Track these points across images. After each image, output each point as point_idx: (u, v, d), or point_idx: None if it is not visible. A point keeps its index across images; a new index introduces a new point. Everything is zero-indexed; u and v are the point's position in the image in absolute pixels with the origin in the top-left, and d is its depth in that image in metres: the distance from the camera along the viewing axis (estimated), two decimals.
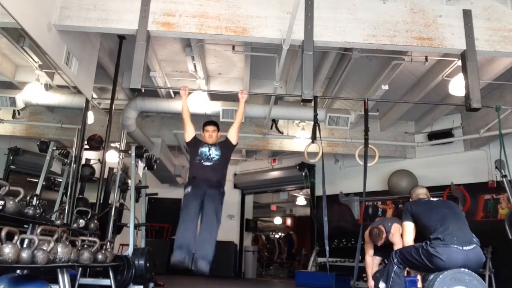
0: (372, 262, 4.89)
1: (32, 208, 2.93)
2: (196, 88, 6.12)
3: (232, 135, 4.21)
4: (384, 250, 4.81)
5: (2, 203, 2.58)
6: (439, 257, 3.09)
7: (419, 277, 3.94)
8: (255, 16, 3.85)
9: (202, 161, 4.08)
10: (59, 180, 4.91)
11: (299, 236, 14.53)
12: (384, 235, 4.68)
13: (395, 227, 4.62)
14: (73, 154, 4.68)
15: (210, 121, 4.39)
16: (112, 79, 5.69)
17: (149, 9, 3.80)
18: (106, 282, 4.12)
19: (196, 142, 4.21)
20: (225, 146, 4.21)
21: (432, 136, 7.43)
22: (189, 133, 4.20)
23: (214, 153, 4.12)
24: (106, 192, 5.64)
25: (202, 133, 4.25)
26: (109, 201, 5.61)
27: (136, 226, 5.25)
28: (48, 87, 5.10)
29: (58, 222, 3.43)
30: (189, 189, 3.99)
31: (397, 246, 4.48)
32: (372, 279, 4.69)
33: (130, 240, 4.92)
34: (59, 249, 2.93)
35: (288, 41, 3.73)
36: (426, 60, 5.28)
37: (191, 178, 4.10)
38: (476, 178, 6.92)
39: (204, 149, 4.14)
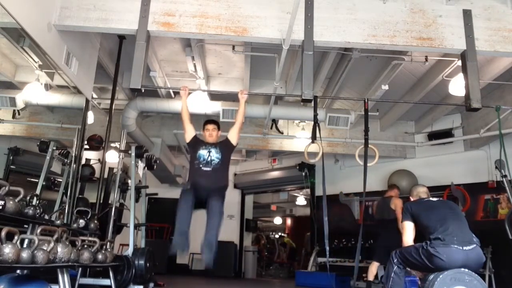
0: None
1: (32, 208, 2.93)
2: (196, 88, 6.12)
3: (233, 136, 4.17)
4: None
5: (2, 203, 2.58)
6: (439, 257, 3.08)
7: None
8: (255, 16, 3.85)
9: (201, 166, 4.01)
10: (59, 180, 4.91)
11: (299, 236, 14.53)
12: None
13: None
14: (73, 154, 4.68)
15: (210, 119, 4.36)
16: (112, 79, 5.68)
17: (149, 9, 3.80)
18: (106, 282, 4.12)
19: (196, 143, 4.15)
20: (226, 147, 4.15)
21: (432, 136, 7.43)
22: (189, 133, 4.16)
23: (215, 155, 4.05)
24: (106, 192, 5.64)
25: (203, 132, 4.21)
26: (109, 201, 5.60)
27: (136, 226, 5.25)
28: (48, 87, 5.10)
29: (58, 222, 3.42)
30: (187, 186, 3.98)
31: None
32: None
33: (130, 240, 4.92)
34: (59, 249, 2.92)
35: (288, 41, 3.73)
36: (426, 60, 5.29)
37: (189, 182, 4.06)
38: (476, 178, 6.92)
39: (203, 152, 4.06)
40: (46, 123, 5.70)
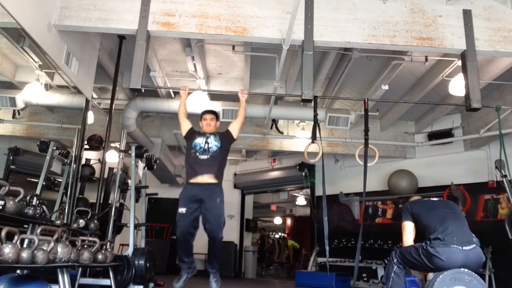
0: None
1: (32, 208, 2.92)
2: (196, 88, 6.12)
3: (234, 129, 4.10)
4: None
5: (2, 203, 2.58)
6: (439, 257, 3.08)
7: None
8: (255, 16, 3.85)
9: (198, 154, 3.89)
10: (59, 180, 4.90)
11: (299, 236, 14.52)
12: None
13: None
14: (73, 154, 4.68)
15: (208, 109, 4.25)
16: (112, 79, 5.68)
17: (149, 9, 3.80)
18: (106, 282, 4.12)
19: (192, 133, 4.06)
20: (226, 137, 4.07)
21: (432, 136, 7.43)
22: (185, 127, 4.10)
23: (213, 143, 3.93)
24: (106, 192, 5.64)
25: (200, 123, 4.14)
26: (109, 201, 5.60)
27: (136, 226, 5.24)
28: (48, 87, 5.10)
29: (58, 222, 3.42)
30: (184, 195, 3.84)
31: None
32: None
33: (130, 240, 4.92)
34: (59, 249, 2.92)
35: (288, 41, 3.73)
36: (426, 60, 5.29)
37: (188, 178, 3.95)
38: (476, 178, 6.92)
39: (199, 140, 3.96)
40: (46, 123, 5.70)
